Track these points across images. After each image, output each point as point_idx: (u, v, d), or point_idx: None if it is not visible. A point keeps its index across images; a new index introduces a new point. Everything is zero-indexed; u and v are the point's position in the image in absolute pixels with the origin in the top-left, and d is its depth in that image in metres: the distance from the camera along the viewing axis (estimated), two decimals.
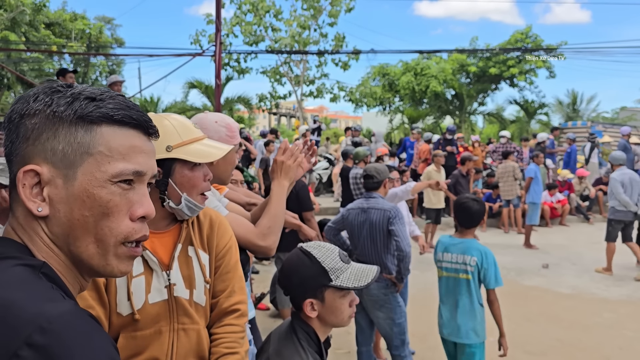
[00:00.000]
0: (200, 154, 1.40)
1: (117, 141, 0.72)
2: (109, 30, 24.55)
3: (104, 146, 0.71)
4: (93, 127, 0.70)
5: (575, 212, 11.74)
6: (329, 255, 1.55)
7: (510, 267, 7.35)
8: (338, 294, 1.53)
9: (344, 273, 1.53)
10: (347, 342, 4.14)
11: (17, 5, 16.69)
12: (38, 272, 0.67)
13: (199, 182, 1.43)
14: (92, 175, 0.70)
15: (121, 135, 0.72)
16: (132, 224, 0.74)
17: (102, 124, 0.71)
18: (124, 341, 1.33)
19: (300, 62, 20.13)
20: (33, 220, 0.71)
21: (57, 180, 0.70)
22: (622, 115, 25.40)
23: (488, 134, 25.68)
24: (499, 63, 21.08)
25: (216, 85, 8.64)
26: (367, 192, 3.56)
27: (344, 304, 1.54)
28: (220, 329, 1.46)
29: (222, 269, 1.48)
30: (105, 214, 0.71)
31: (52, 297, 0.63)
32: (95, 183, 0.70)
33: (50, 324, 0.59)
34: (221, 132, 1.80)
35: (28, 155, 0.70)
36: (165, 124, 1.40)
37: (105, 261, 0.73)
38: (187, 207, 1.41)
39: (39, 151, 0.70)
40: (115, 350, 0.65)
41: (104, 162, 0.71)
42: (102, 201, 0.71)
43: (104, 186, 0.71)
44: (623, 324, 5.04)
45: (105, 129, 0.71)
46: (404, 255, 3.31)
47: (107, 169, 0.71)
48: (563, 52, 20.20)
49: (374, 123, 25.47)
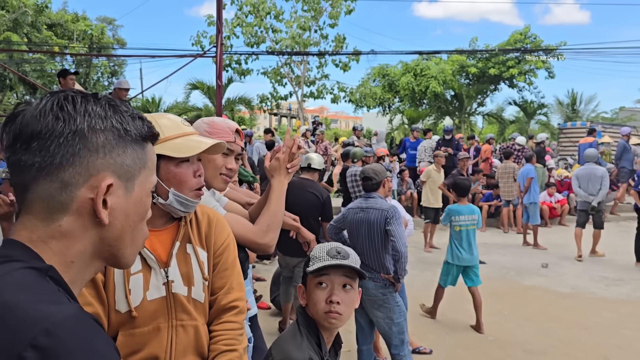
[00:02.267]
0: (178, 148, 1.39)
1: (153, 155, 0.85)
2: (111, 31, 24.60)
3: (150, 161, 0.83)
4: (145, 145, 0.82)
5: (574, 212, 11.75)
6: (321, 247, 1.59)
7: (509, 266, 7.38)
8: (313, 281, 1.55)
9: (320, 261, 1.54)
10: (347, 340, 4.17)
11: (19, 6, 16.74)
12: (44, 275, 0.68)
13: (187, 177, 1.42)
14: (144, 187, 0.82)
15: (151, 150, 0.84)
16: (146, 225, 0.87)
17: (149, 141, 0.83)
18: (122, 339, 1.34)
19: (301, 63, 20.17)
20: (81, 227, 0.74)
21: (118, 191, 0.77)
22: (622, 116, 25.44)
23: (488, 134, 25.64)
24: (499, 64, 21.11)
25: (217, 86, 8.68)
26: (366, 192, 3.59)
27: (318, 295, 1.53)
28: (218, 326, 1.47)
29: (220, 266, 1.50)
30: (143, 219, 0.83)
31: (57, 300, 0.65)
32: (146, 192, 0.82)
33: (55, 327, 0.60)
34: (200, 128, 1.80)
35: (97, 167, 0.73)
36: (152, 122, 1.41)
37: (133, 256, 0.84)
38: (177, 201, 1.40)
39: (110, 164, 0.75)
40: (117, 354, 0.67)
41: (150, 174, 0.83)
42: (146, 208, 0.83)
43: (149, 195, 0.84)
44: (622, 324, 5.05)
45: (149, 146, 0.83)
46: (400, 256, 3.34)
47: (152, 180, 0.84)
48: (562, 52, 20.25)
49: (374, 123, 25.49)
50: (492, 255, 8.01)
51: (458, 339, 4.63)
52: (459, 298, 5.85)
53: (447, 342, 4.55)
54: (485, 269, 7.24)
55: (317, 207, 4.46)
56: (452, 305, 5.55)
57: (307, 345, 1.49)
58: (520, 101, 23.52)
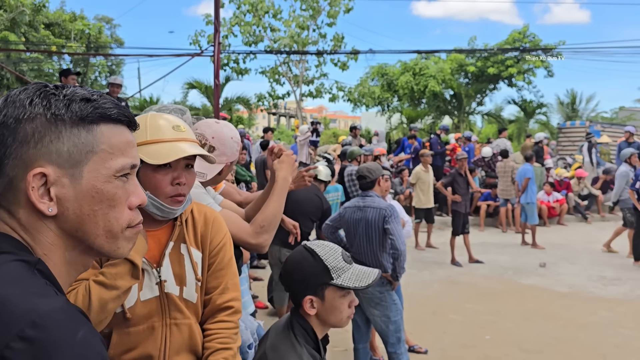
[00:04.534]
0: (153, 153, 1.34)
1: (116, 138, 0.77)
2: (108, 30, 24.56)
3: (106, 144, 0.76)
4: (93, 127, 0.75)
5: (573, 212, 11.77)
6: (332, 254, 1.56)
7: (507, 266, 7.38)
8: (338, 293, 1.54)
9: (345, 273, 1.54)
10: (343, 339, 4.16)
11: (16, 5, 16.71)
12: (33, 268, 0.69)
13: (163, 184, 1.37)
14: (98, 172, 0.75)
15: (117, 132, 0.78)
16: (131, 212, 0.80)
17: (100, 123, 0.76)
18: (117, 337, 1.35)
19: (299, 62, 20.17)
20: (38, 220, 0.74)
21: (63, 180, 0.73)
22: (621, 115, 25.45)
23: (487, 134, 25.68)
24: (498, 63, 21.11)
25: (215, 85, 8.65)
26: (363, 191, 3.58)
27: (344, 304, 1.56)
28: (213, 324, 1.47)
29: (216, 266, 1.49)
30: (112, 206, 0.77)
31: (45, 293, 0.66)
32: (102, 179, 0.75)
33: (42, 319, 0.61)
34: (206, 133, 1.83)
35: (30, 158, 0.72)
36: (142, 122, 1.38)
37: (116, 246, 0.80)
38: (153, 206, 1.37)
39: (43, 154, 0.72)
40: (104, 346, 0.68)
41: (107, 159, 0.76)
42: (110, 194, 0.76)
43: (110, 181, 0.76)
44: (619, 323, 5.05)
45: (104, 128, 0.76)
46: (399, 254, 3.33)
47: (111, 165, 0.76)
48: (562, 51, 20.24)
49: (373, 123, 25.49)
50: (490, 255, 8.01)
51: (454, 338, 4.62)
52: (456, 297, 5.85)
53: (443, 341, 4.55)
54: (483, 268, 7.25)
55: (319, 210, 4.67)
56: (449, 304, 5.55)
57: (307, 356, 1.50)
58: (520, 101, 23.52)
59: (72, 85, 0.78)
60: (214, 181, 1.91)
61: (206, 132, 1.83)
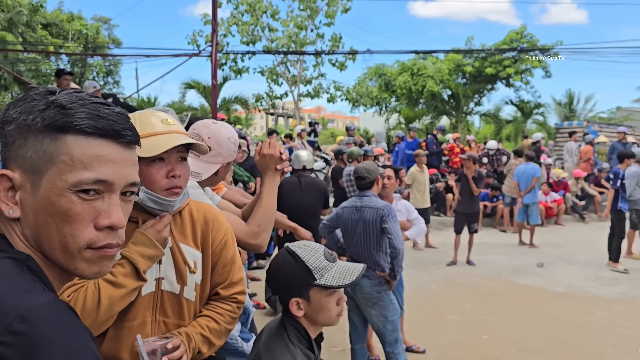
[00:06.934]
0: (144, 147, 1.32)
1: (81, 150, 0.72)
2: (106, 30, 24.45)
3: (67, 155, 0.71)
4: (59, 136, 0.72)
5: (571, 212, 11.78)
6: (313, 254, 1.55)
7: (505, 265, 7.39)
8: (323, 292, 1.54)
9: (328, 272, 1.54)
10: (341, 340, 4.16)
11: (14, 5, 16.67)
12: (22, 265, 0.71)
13: (157, 177, 1.38)
14: (54, 183, 0.71)
15: (86, 144, 0.72)
16: (97, 232, 0.74)
17: (67, 133, 0.72)
18: (114, 331, 1.37)
19: (297, 62, 20.15)
20: (7, 221, 0.75)
21: (26, 185, 0.73)
22: (619, 115, 25.50)
23: (485, 134, 25.72)
24: (495, 63, 21.13)
25: (212, 85, 8.65)
26: (361, 191, 3.58)
27: (331, 302, 1.55)
28: (215, 301, 1.53)
29: (220, 264, 1.51)
30: (65, 222, 0.72)
31: (33, 290, 0.68)
32: (56, 191, 0.71)
33: (30, 313, 0.63)
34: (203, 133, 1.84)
35: (6, 160, 0.75)
36: (132, 120, 1.38)
37: (74, 265, 0.75)
38: (150, 200, 1.38)
39: (13, 157, 0.74)
40: (92, 339, 0.69)
41: (65, 171, 0.71)
42: (62, 209, 0.72)
43: (64, 195, 0.72)
44: (617, 322, 5.06)
45: (70, 139, 0.72)
46: (397, 253, 3.33)
47: (67, 178, 0.71)
48: (559, 52, 20.27)
49: (370, 123, 25.49)
50: (488, 255, 8.02)
51: (452, 338, 4.63)
52: (454, 297, 5.86)
53: (441, 341, 4.55)
54: (480, 268, 7.26)
55: (322, 200, 4.97)
56: (447, 304, 5.56)
57: (301, 356, 1.50)
58: (517, 101, 23.54)
59: (71, 91, 0.76)
60: (211, 182, 1.90)
61: (203, 133, 1.83)
